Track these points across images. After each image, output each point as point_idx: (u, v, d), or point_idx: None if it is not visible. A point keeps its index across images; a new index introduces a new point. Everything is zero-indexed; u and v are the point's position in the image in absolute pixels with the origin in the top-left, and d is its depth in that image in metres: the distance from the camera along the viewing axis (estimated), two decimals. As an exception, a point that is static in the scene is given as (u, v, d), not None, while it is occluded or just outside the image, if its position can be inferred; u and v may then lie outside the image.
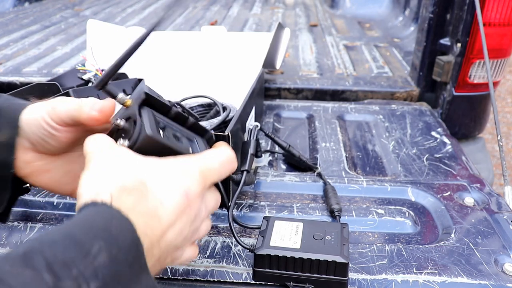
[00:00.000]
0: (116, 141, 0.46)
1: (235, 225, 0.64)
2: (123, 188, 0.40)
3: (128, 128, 0.47)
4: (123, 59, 0.48)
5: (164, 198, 0.42)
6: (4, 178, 0.52)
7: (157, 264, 0.42)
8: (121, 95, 0.49)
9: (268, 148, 0.99)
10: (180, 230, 0.43)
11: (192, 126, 0.53)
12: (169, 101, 0.52)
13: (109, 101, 0.50)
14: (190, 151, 0.51)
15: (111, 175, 0.41)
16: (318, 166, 0.90)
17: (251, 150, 0.74)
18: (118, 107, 0.51)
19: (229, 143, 0.67)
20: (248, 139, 0.78)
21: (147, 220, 0.39)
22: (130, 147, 0.45)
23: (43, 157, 0.53)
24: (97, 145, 0.45)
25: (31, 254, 0.31)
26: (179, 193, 0.43)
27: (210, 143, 0.55)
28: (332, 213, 0.76)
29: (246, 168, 0.71)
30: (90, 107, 0.49)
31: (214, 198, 0.50)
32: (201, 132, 0.54)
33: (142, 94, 0.48)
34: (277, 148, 0.98)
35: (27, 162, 0.53)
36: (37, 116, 0.50)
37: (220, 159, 0.49)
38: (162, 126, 0.48)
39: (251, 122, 0.92)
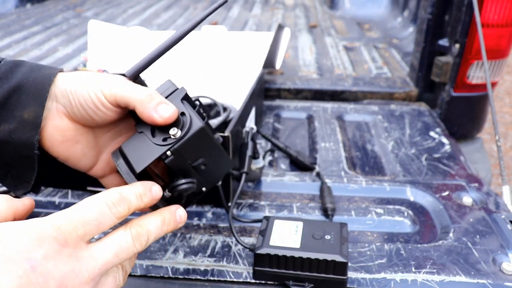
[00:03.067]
0: (168, 130, 0.46)
1: (235, 224, 0.65)
2: None
3: (179, 119, 0.47)
4: (159, 53, 0.48)
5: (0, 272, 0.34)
6: (30, 157, 0.48)
7: None
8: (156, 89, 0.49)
9: (268, 148, 1.00)
10: None
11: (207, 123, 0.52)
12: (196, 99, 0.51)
13: (173, 108, 0.47)
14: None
15: None
16: (317, 165, 0.91)
17: (248, 152, 0.76)
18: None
19: (229, 143, 0.68)
20: (246, 141, 0.80)
21: None
22: (182, 137, 0.45)
23: (77, 127, 0.50)
24: None
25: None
26: (19, 262, 0.34)
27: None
28: (325, 212, 0.77)
29: (245, 170, 0.73)
30: (153, 108, 0.46)
31: (109, 246, 0.41)
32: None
33: (182, 89, 0.49)
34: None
35: (60, 128, 0.49)
36: (88, 89, 0.47)
37: (95, 203, 0.41)
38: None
39: (249, 124, 0.92)
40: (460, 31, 1.11)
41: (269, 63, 1.17)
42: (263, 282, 0.61)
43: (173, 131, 0.46)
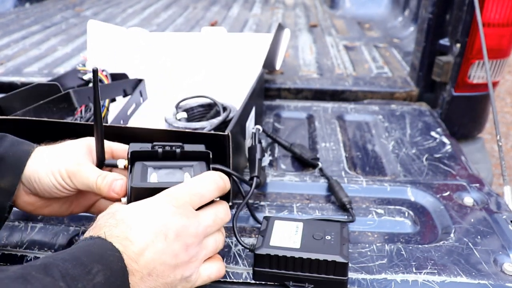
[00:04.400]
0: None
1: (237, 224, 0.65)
2: (95, 227, 0.50)
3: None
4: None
5: (132, 224, 0.48)
6: (1, 216, 0.57)
7: (151, 281, 0.48)
8: (121, 163, 0.58)
9: (269, 147, 0.99)
10: (162, 249, 0.48)
11: (184, 155, 0.57)
12: (152, 145, 0.57)
13: (124, 180, 0.57)
14: (187, 178, 0.56)
15: (93, 223, 0.51)
16: (319, 162, 0.91)
17: (258, 155, 0.76)
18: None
19: (229, 143, 0.67)
20: (253, 143, 0.79)
21: (121, 242, 0.47)
22: (128, 200, 0.54)
23: (45, 199, 0.60)
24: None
25: (50, 266, 0.41)
26: (147, 217, 0.49)
27: (208, 161, 0.58)
28: (343, 207, 0.76)
29: (256, 173, 0.74)
30: (109, 189, 0.56)
31: (211, 213, 0.54)
32: (196, 155, 0.58)
33: (128, 154, 0.56)
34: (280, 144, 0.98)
35: (28, 203, 0.59)
36: (48, 172, 0.56)
37: (200, 180, 0.54)
38: (157, 168, 0.56)
39: (252, 125, 0.92)
40: (461, 31, 1.11)
41: (269, 63, 1.17)
42: (263, 282, 0.60)
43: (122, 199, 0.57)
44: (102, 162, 0.59)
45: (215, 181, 0.55)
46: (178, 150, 0.57)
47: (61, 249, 0.65)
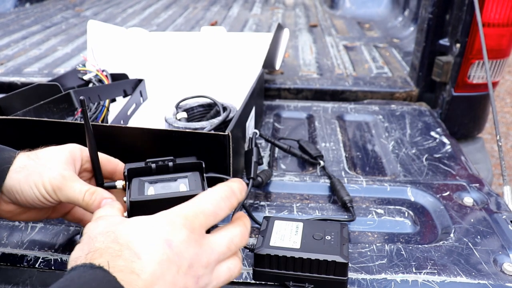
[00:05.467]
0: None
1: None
2: (95, 250, 0.40)
3: None
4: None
5: (140, 252, 0.40)
6: None
7: None
8: (119, 184, 0.58)
9: (269, 147, 0.99)
10: (172, 282, 0.41)
11: (177, 168, 0.58)
12: (145, 162, 0.59)
13: (113, 199, 0.55)
14: (184, 189, 0.56)
15: (91, 240, 0.43)
16: (322, 160, 0.91)
17: (254, 158, 0.77)
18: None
19: (229, 143, 0.67)
20: (250, 147, 0.80)
21: (126, 276, 0.38)
22: (128, 214, 0.53)
23: (24, 207, 0.58)
24: (94, 216, 0.50)
25: None
26: (159, 243, 0.41)
27: (201, 171, 0.59)
28: (344, 205, 0.77)
29: (252, 175, 0.76)
30: (98, 207, 0.53)
31: (225, 238, 0.47)
32: (189, 167, 0.59)
33: (125, 172, 0.57)
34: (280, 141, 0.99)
35: (7, 211, 0.58)
36: (32, 185, 0.53)
37: (213, 198, 0.47)
38: (153, 182, 0.57)
39: (252, 125, 0.92)
40: (461, 31, 1.11)
41: (268, 63, 1.17)
42: (263, 282, 0.60)
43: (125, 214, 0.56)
44: (101, 185, 0.59)
45: (234, 195, 0.49)
46: (170, 164, 0.58)
47: (61, 249, 0.66)
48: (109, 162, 0.61)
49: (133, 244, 0.41)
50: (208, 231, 0.47)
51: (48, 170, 0.54)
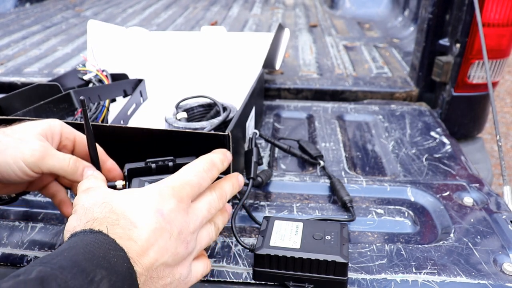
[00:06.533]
0: None
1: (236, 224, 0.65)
2: (93, 219, 0.44)
3: None
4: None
5: (136, 221, 0.44)
6: None
7: (150, 285, 0.45)
8: (119, 184, 0.59)
9: (269, 147, 0.99)
10: (164, 248, 0.45)
11: (177, 167, 0.58)
12: (145, 162, 0.59)
13: (93, 169, 0.57)
14: None
15: (87, 210, 0.46)
16: (322, 160, 0.91)
17: (254, 158, 0.77)
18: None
19: (229, 143, 0.67)
20: (250, 147, 0.80)
21: (125, 242, 0.42)
22: None
23: (3, 184, 0.58)
24: (83, 187, 0.51)
25: (47, 279, 0.35)
26: (152, 212, 0.45)
27: None
28: (344, 205, 0.77)
29: (252, 175, 0.76)
30: (80, 174, 0.56)
31: (204, 204, 0.51)
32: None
33: (125, 172, 0.58)
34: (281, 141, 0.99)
35: None
36: (8, 160, 0.53)
37: (195, 169, 0.51)
38: (153, 182, 0.55)
39: (252, 125, 0.92)
40: (461, 31, 1.11)
41: (268, 63, 1.17)
42: (263, 282, 0.60)
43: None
44: None
45: (215, 166, 0.53)
46: (170, 164, 0.59)
47: (61, 249, 0.66)
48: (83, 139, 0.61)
49: (129, 214, 0.45)
50: None
51: (26, 144, 0.54)
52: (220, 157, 0.55)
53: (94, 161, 0.58)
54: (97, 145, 0.60)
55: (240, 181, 0.58)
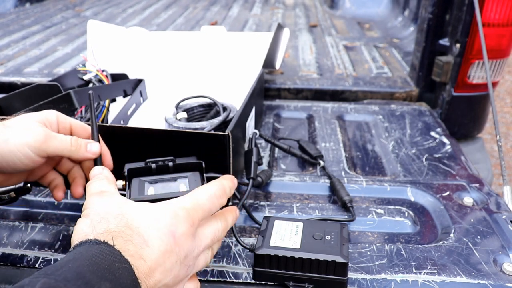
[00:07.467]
0: None
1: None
2: (109, 231, 0.44)
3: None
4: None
5: (149, 240, 0.44)
6: None
7: None
8: (120, 184, 0.58)
9: (269, 147, 0.99)
10: (169, 270, 0.45)
11: (177, 167, 0.59)
12: (145, 162, 0.59)
13: (97, 144, 0.59)
14: (184, 189, 0.57)
15: (102, 219, 0.45)
16: (322, 160, 0.91)
17: (254, 158, 0.77)
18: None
19: (229, 143, 0.67)
20: (250, 147, 0.80)
21: (136, 261, 0.42)
22: None
23: (6, 175, 0.58)
24: (96, 189, 0.50)
25: None
26: (165, 234, 0.45)
27: (201, 171, 0.60)
28: (344, 205, 0.77)
29: (252, 175, 0.76)
30: (85, 151, 0.57)
31: (210, 232, 0.52)
32: (189, 167, 0.59)
33: (125, 172, 0.58)
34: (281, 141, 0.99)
35: None
36: (11, 148, 0.53)
37: (209, 194, 0.51)
38: (153, 182, 0.58)
39: (252, 125, 0.92)
40: (461, 31, 1.11)
41: (268, 63, 1.17)
42: (263, 282, 0.60)
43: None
44: None
45: (225, 194, 0.54)
46: (170, 164, 0.59)
47: (61, 249, 0.66)
48: (84, 130, 0.62)
49: (143, 231, 0.45)
50: None
51: (28, 131, 0.55)
52: (230, 184, 0.55)
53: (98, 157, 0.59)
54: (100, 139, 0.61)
55: (238, 214, 0.59)
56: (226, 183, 0.54)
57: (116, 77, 1.00)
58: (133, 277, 0.41)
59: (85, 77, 0.97)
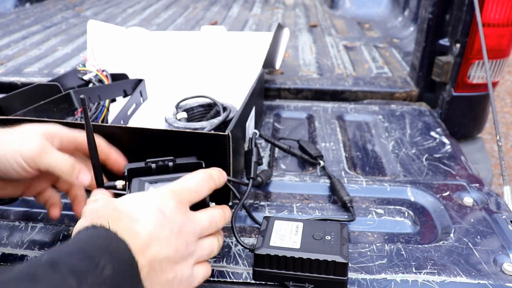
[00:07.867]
0: None
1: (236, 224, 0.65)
2: (98, 217, 0.47)
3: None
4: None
5: (138, 217, 0.47)
6: None
7: (154, 277, 0.46)
8: (119, 184, 0.60)
9: (269, 147, 0.99)
10: (165, 240, 0.47)
11: (177, 167, 0.60)
12: (145, 162, 0.60)
13: (88, 176, 0.60)
14: None
15: (94, 212, 0.49)
16: (322, 160, 0.91)
17: (254, 158, 0.78)
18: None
19: (229, 143, 0.67)
20: (250, 147, 0.80)
21: (128, 237, 0.45)
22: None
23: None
24: (91, 199, 0.56)
25: (57, 262, 0.38)
26: (153, 211, 0.48)
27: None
28: (344, 205, 0.77)
29: (252, 175, 0.76)
30: (75, 178, 0.58)
31: (206, 216, 0.54)
32: (189, 166, 0.60)
33: (125, 172, 0.59)
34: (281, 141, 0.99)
35: None
36: (7, 155, 0.54)
37: (195, 179, 0.54)
38: (153, 182, 0.58)
39: (252, 125, 0.92)
40: (460, 31, 1.11)
41: (268, 63, 1.17)
42: (263, 282, 0.60)
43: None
44: (101, 186, 0.60)
45: (212, 179, 0.56)
46: (170, 164, 0.59)
47: (61, 249, 0.66)
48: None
49: (131, 211, 0.48)
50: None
51: (25, 139, 0.56)
52: (217, 173, 0.57)
53: (94, 161, 0.58)
54: (100, 137, 0.62)
55: (230, 212, 0.61)
56: (213, 171, 0.57)
57: (116, 77, 1.00)
58: (130, 255, 0.44)
59: (85, 77, 0.97)
